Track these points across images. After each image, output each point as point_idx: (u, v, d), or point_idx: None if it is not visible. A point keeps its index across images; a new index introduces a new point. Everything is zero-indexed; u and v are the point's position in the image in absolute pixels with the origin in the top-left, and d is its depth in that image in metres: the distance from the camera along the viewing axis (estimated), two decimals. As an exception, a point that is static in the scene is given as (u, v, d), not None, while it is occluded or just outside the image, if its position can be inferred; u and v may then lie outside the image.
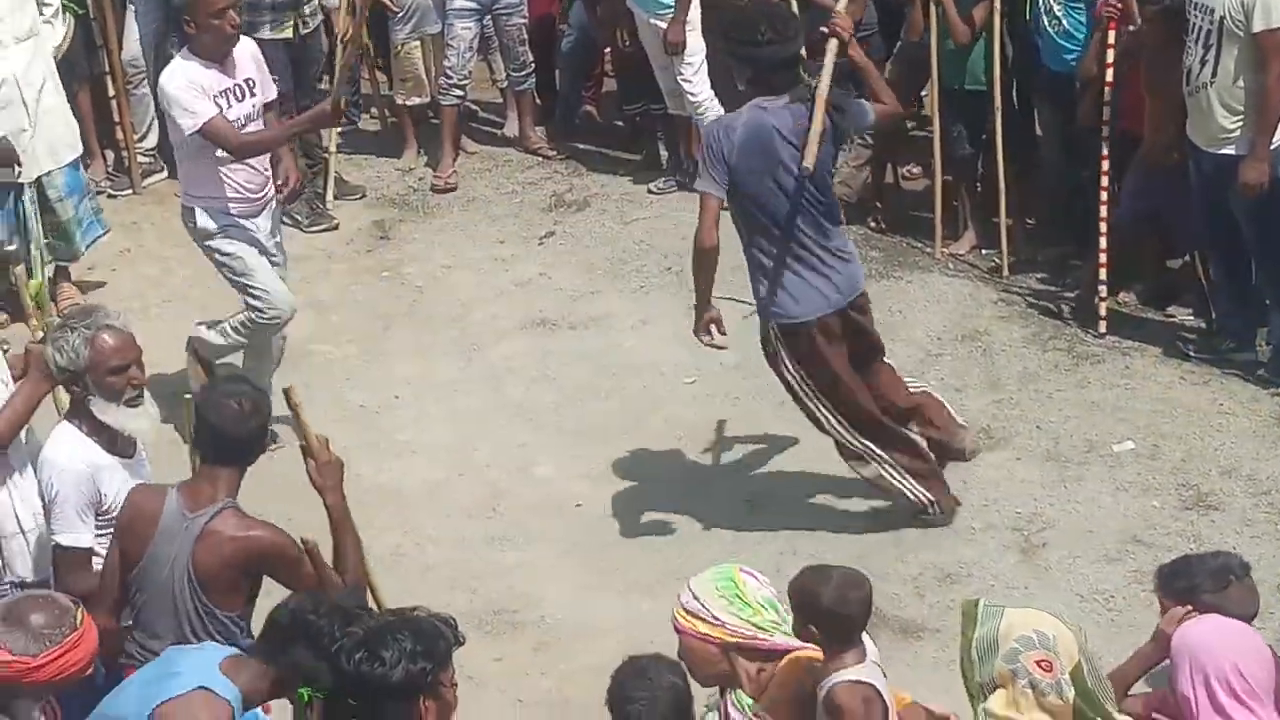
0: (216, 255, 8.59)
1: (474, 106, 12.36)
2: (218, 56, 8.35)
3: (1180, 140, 9.08)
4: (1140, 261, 9.99)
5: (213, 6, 8.23)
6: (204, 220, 8.49)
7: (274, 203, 8.72)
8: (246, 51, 8.56)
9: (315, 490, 6.00)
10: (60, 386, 6.24)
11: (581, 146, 11.81)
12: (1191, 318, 9.70)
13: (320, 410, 9.05)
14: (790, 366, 7.82)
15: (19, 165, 9.39)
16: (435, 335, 9.90)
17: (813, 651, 5.13)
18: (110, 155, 11.58)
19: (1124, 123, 9.54)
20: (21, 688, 4.90)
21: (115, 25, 11.17)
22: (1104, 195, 9.46)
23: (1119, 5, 9.24)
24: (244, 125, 8.41)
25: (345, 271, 10.53)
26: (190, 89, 8.25)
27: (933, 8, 10.08)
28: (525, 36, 11.52)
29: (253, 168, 8.49)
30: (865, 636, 5.18)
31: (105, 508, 6.07)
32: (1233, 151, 8.77)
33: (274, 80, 10.24)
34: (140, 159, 11.43)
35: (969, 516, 8.25)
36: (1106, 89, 9.37)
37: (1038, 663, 4.80)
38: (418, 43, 11.55)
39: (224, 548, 5.75)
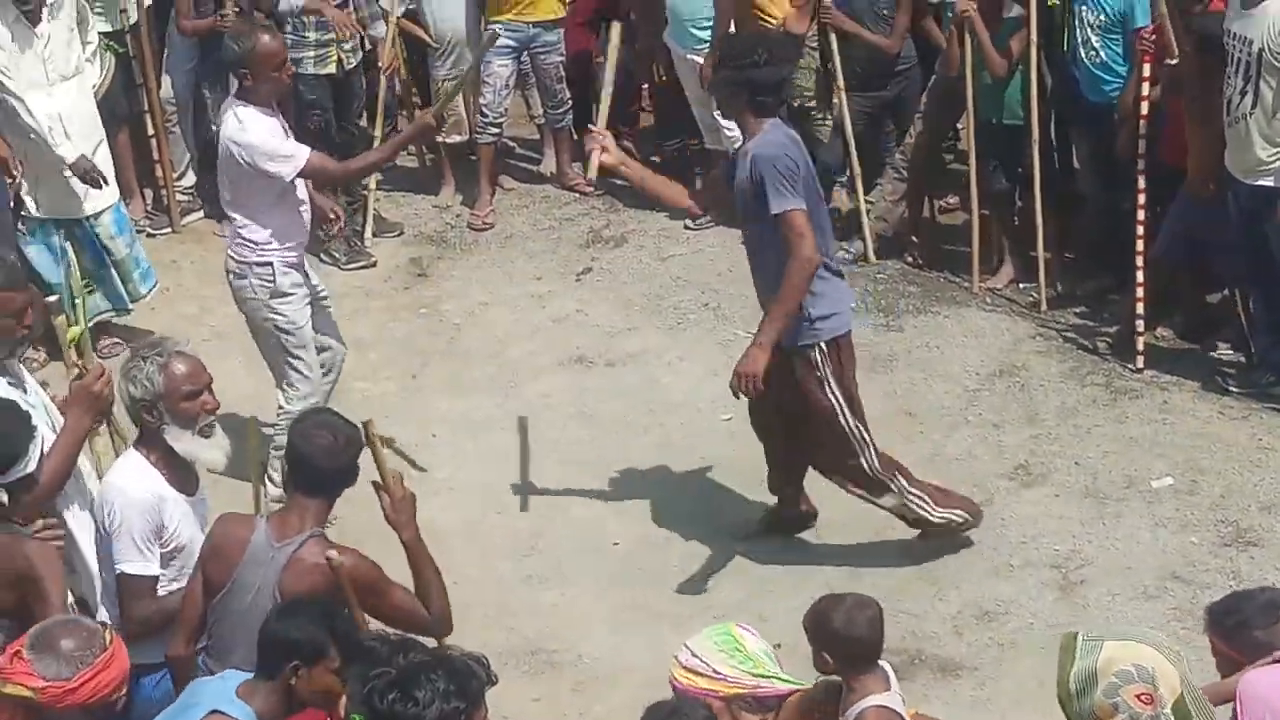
0: (280, 320, 8.50)
1: (511, 143, 12.38)
2: (273, 103, 8.40)
3: (1219, 172, 9.06)
4: (1179, 295, 9.97)
5: (273, 61, 8.26)
6: (282, 277, 8.44)
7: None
8: None
9: (390, 526, 6.06)
10: (130, 417, 6.27)
11: (618, 182, 11.78)
12: (1230, 352, 9.65)
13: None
14: (833, 388, 7.76)
15: (105, 182, 9.66)
16: (472, 372, 9.91)
17: (810, 689, 5.18)
18: (149, 194, 11.61)
19: (1165, 155, 9.54)
20: (56, 713, 4.93)
21: (153, 64, 11.22)
22: (1140, 229, 9.44)
23: (1155, 38, 9.22)
24: None
25: (383, 309, 10.55)
26: (272, 135, 8.25)
27: (968, 41, 10.07)
28: (563, 74, 11.54)
29: (305, 211, 8.52)
30: (886, 666, 5.18)
31: (165, 540, 6.10)
32: (1271, 183, 8.75)
33: (316, 115, 10.42)
34: (179, 197, 11.48)
35: (1007, 553, 8.23)
36: (1143, 122, 9.36)
37: (1138, 696, 4.75)
38: (457, 79, 11.56)
39: (310, 575, 5.79)
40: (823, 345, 7.71)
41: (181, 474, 6.20)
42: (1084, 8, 9.77)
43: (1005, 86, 10.11)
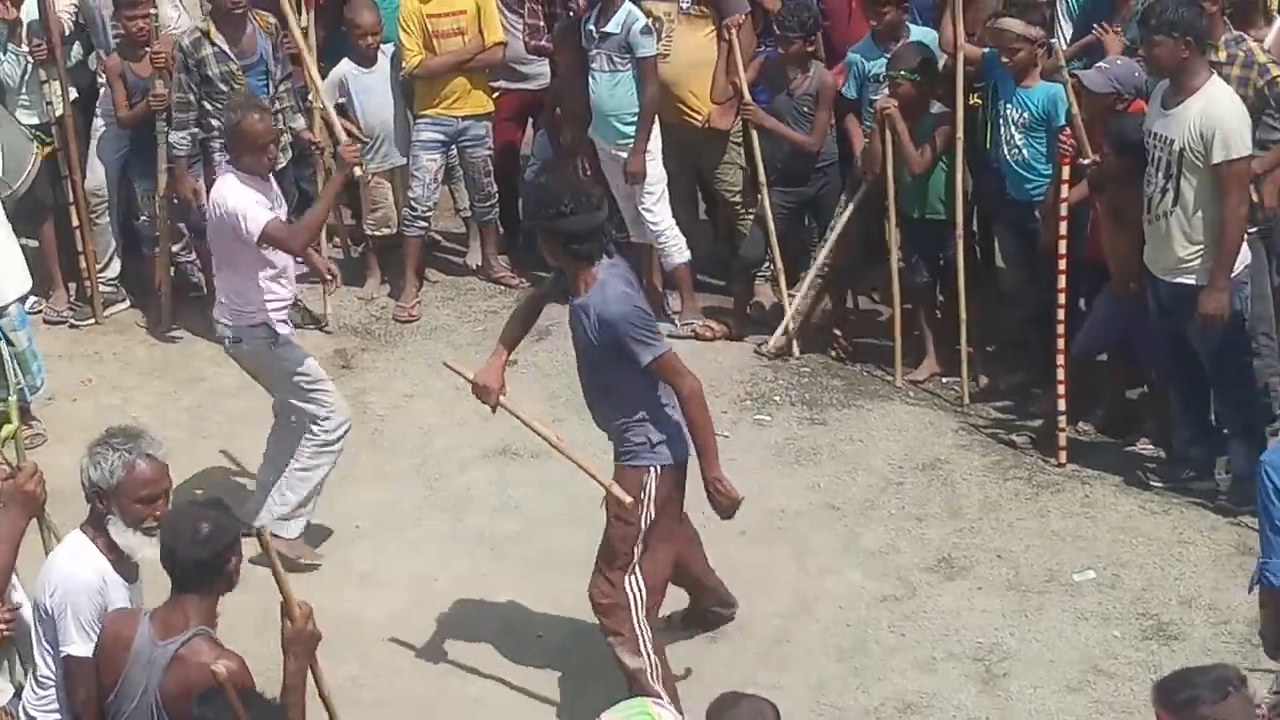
0: (286, 365, 8.83)
1: (437, 236, 12.41)
2: (261, 174, 8.72)
3: (1139, 270, 9.14)
4: (1100, 391, 10.05)
5: (252, 141, 8.62)
6: (281, 328, 8.79)
7: None
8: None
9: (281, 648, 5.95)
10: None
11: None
12: (1151, 447, 9.72)
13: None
14: (649, 512, 7.64)
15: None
16: (397, 464, 9.89)
17: None
18: (73, 285, 11.57)
19: (1088, 252, 9.64)
20: None
21: (79, 155, 11.21)
22: (1060, 325, 9.53)
23: (1073, 141, 9.33)
24: None
25: (305, 400, 10.51)
26: (241, 201, 8.54)
27: (888, 138, 10.17)
28: (490, 167, 11.59)
29: (291, 269, 8.89)
30: None
31: None
32: (1191, 281, 8.82)
33: None
34: (103, 289, 11.44)
35: (930, 646, 8.24)
36: (1061, 222, 9.45)
37: None
38: (386, 174, 11.62)
39: (191, 676, 5.73)
40: (657, 469, 7.63)
41: (124, 560, 6.20)
42: (1008, 106, 9.88)
43: (927, 182, 10.21)
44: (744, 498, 7.68)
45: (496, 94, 11.69)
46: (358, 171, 9.19)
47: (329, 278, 9.52)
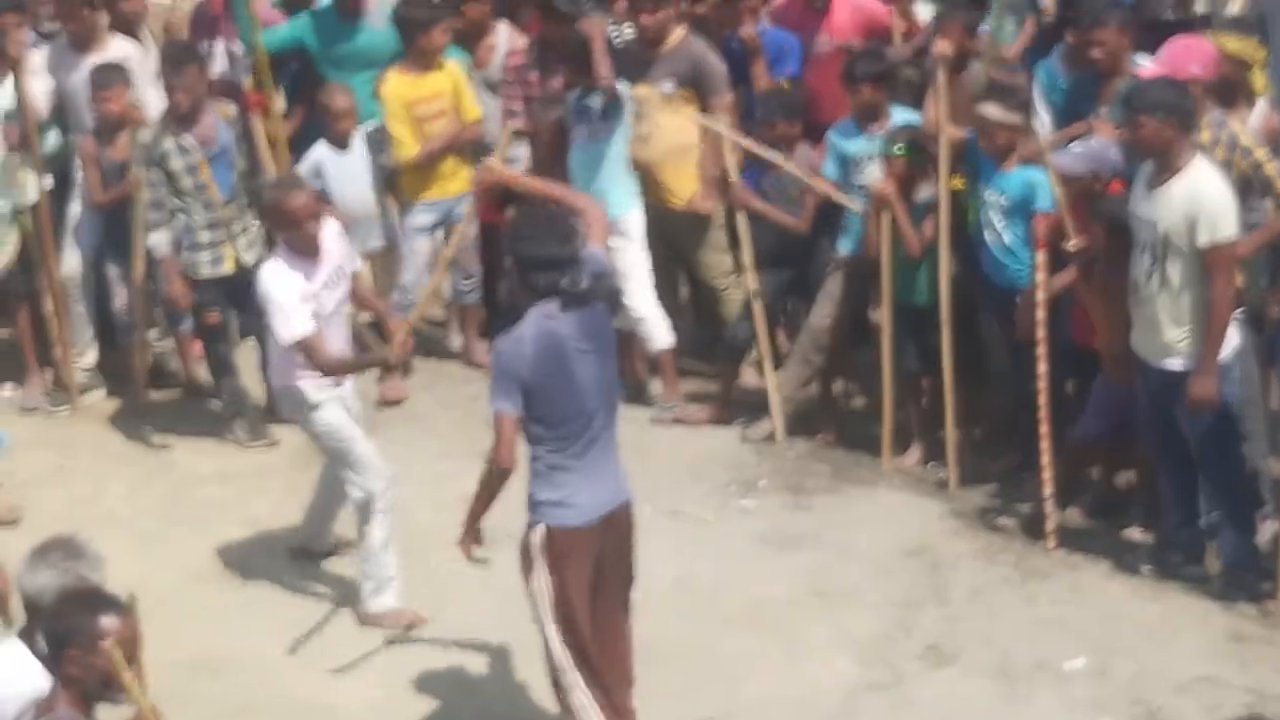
0: (319, 426, 8.95)
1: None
2: (308, 254, 8.74)
3: (1128, 355, 9.08)
4: (1088, 476, 9.98)
5: (286, 219, 8.72)
6: (312, 393, 8.86)
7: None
8: (332, 233, 8.97)
9: None
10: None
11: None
12: (1141, 532, 9.64)
13: (256, 626, 9.00)
14: (542, 575, 7.49)
15: None
16: (375, 549, 9.78)
17: None
18: (49, 372, 11.48)
19: (1075, 336, 9.60)
20: None
21: (53, 242, 11.14)
22: (1042, 411, 9.45)
23: (1047, 227, 9.29)
24: (338, 309, 8.89)
25: (281, 487, 10.39)
26: (291, 298, 8.65)
27: (883, 223, 10.11)
28: (474, 247, 11.57)
29: (337, 338, 8.93)
30: None
31: None
32: (1179, 366, 8.75)
33: (213, 313, 10.41)
34: (79, 376, 11.35)
35: (919, 735, 8.14)
36: (1038, 307, 9.39)
37: None
38: (364, 260, 11.55)
39: None
40: (541, 530, 7.48)
41: None
42: (988, 190, 9.85)
43: (918, 267, 10.15)
44: (486, 560, 7.73)
45: None
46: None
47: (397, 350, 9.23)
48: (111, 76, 10.77)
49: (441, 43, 11.29)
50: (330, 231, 8.94)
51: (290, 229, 8.71)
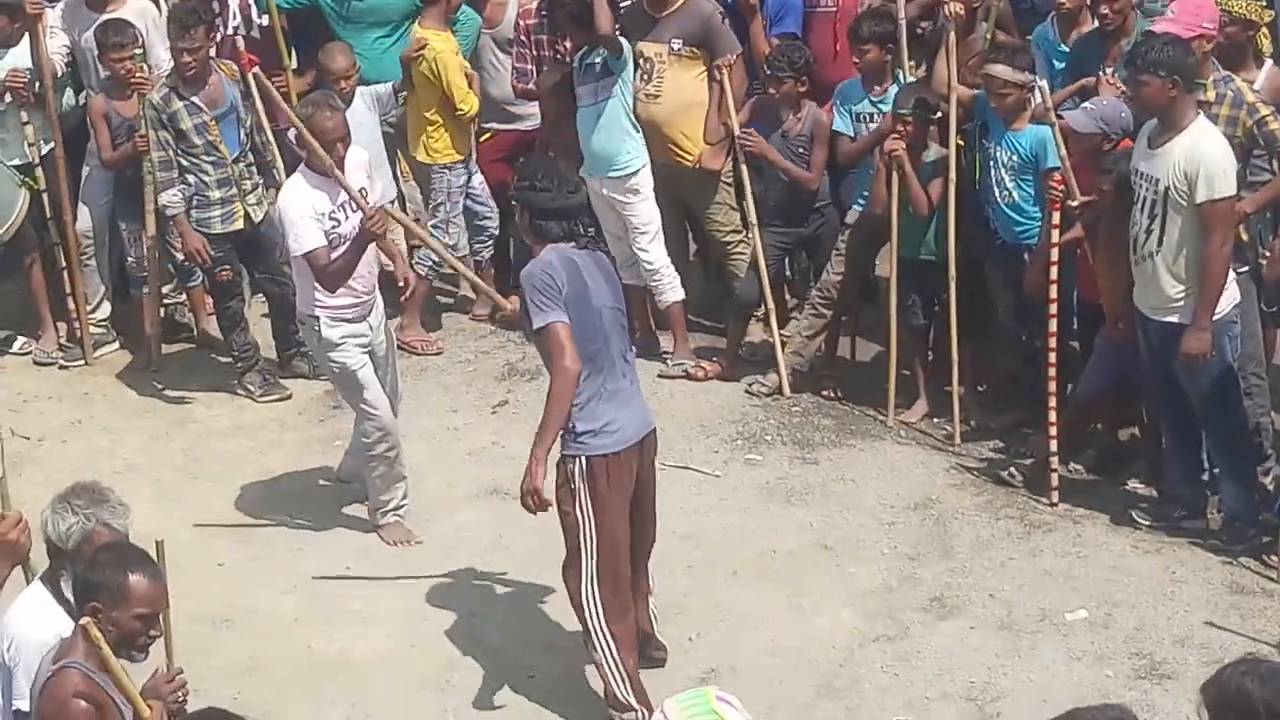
0: (334, 366, 9.25)
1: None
2: (328, 173, 8.97)
3: (1128, 310, 9.15)
4: (1092, 430, 10.06)
5: (321, 138, 8.95)
6: (327, 331, 9.13)
7: (378, 301, 9.42)
8: (355, 161, 9.20)
9: None
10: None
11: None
12: (1143, 486, 9.73)
13: (272, 579, 9.10)
14: (584, 504, 7.72)
15: None
16: (388, 505, 9.88)
17: None
18: (63, 327, 11.57)
19: (1083, 292, 9.67)
20: None
21: (68, 197, 11.22)
22: (1052, 368, 9.53)
23: (1062, 185, 9.34)
24: (357, 234, 9.03)
25: (297, 441, 10.51)
26: (304, 213, 8.93)
27: (894, 179, 10.19)
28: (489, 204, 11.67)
29: (363, 274, 9.15)
30: None
31: None
32: (1178, 320, 8.82)
33: (225, 270, 10.62)
34: (93, 330, 11.44)
35: (923, 686, 8.22)
36: (1053, 266, 9.46)
37: None
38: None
39: (44, 710, 5.78)
40: (582, 461, 7.69)
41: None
42: (998, 149, 9.90)
43: (925, 223, 10.22)
44: (548, 502, 7.71)
45: (488, 135, 11.73)
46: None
47: (401, 284, 9.64)
48: (119, 33, 10.82)
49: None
50: (355, 160, 9.19)
51: (320, 144, 8.93)
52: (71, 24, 11.27)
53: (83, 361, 11.42)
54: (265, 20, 11.53)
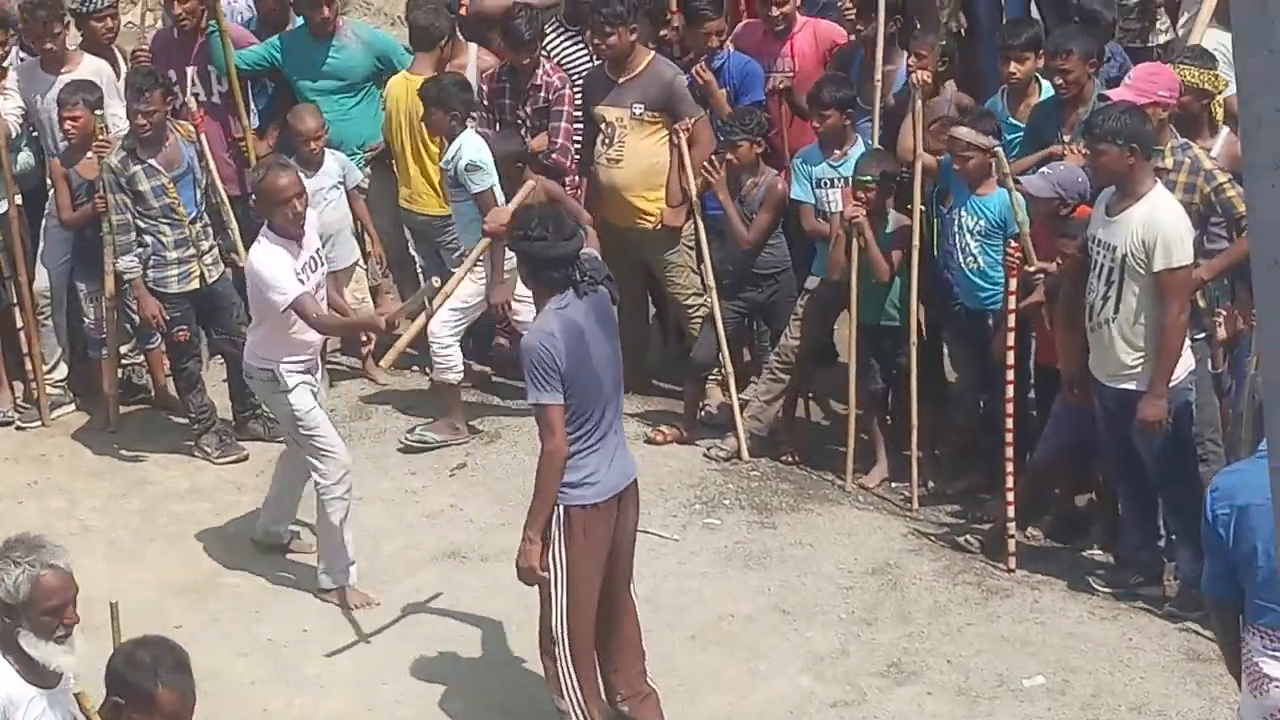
0: (290, 408, 9.30)
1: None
2: (293, 235, 9.18)
3: (1085, 376, 9.19)
4: (1049, 496, 10.09)
5: (273, 196, 9.13)
6: (285, 378, 9.25)
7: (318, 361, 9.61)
8: (311, 224, 9.35)
9: None
10: None
11: (493, 378, 11.85)
12: (1100, 552, 9.75)
13: (229, 642, 9.05)
14: (558, 553, 7.78)
15: None
16: (345, 567, 9.85)
17: None
18: (19, 387, 11.53)
19: (1042, 357, 9.71)
20: None
21: (26, 256, 11.19)
22: (1009, 434, 9.56)
23: (1019, 252, 9.39)
24: (317, 291, 9.27)
25: (254, 503, 10.41)
26: (281, 266, 9.09)
27: (854, 245, 10.22)
28: None
29: (314, 334, 9.41)
30: None
31: None
32: (1134, 387, 8.86)
33: (182, 331, 10.70)
34: (49, 391, 11.40)
35: (881, 752, 8.23)
36: (1010, 332, 9.50)
37: None
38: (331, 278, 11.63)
39: None
40: (560, 511, 7.76)
41: (39, 669, 6.11)
42: (963, 214, 9.94)
43: (883, 289, 10.26)
44: (544, 575, 7.77)
45: None
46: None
47: (364, 339, 9.98)
48: (76, 94, 10.83)
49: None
50: (311, 223, 9.32)
51: (277, 206, 9.09)
52: (28, 86, 11.27)
53: (39, 423, 11.37)
54: (224, 86, 11.53)
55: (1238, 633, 6.53)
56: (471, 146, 10.64)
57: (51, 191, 11.18)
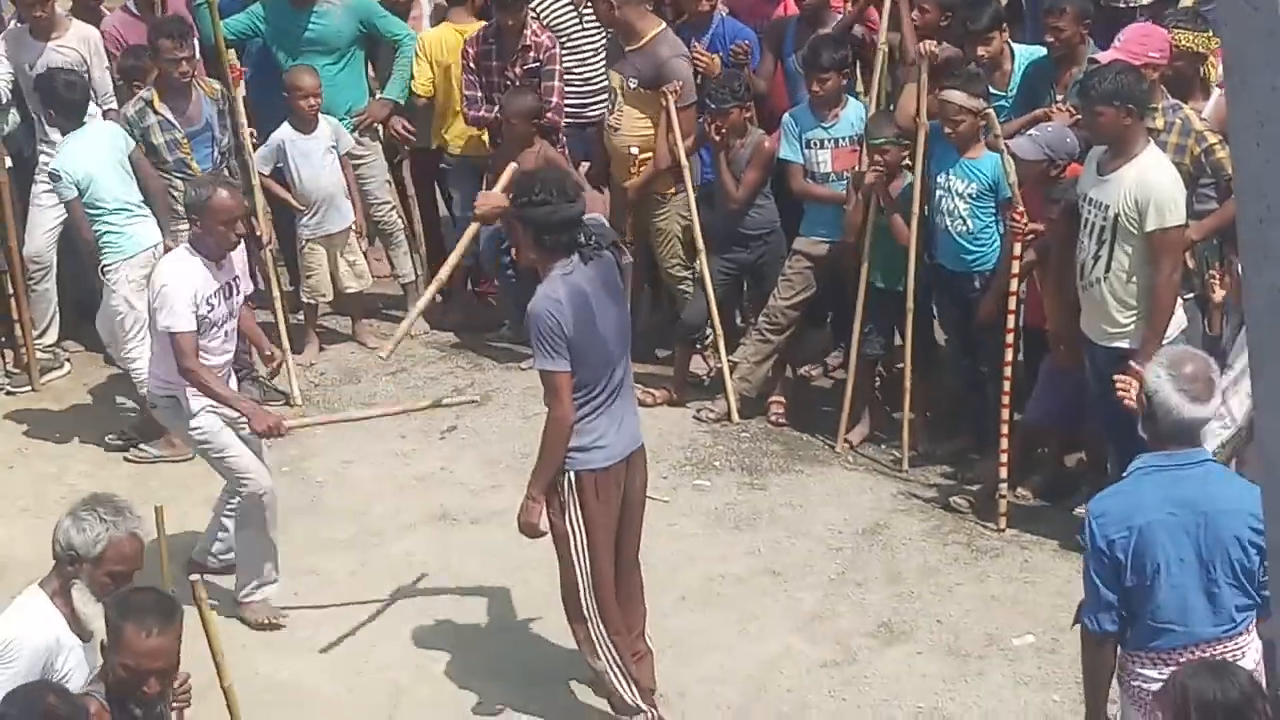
0: (196, 435, 8.78)
1: (377, 302, 12.43)
2: (217, 257, 8.65)
3: (1073, 336, 9.19)
4: (1039, 456, 10.10)
5: (222, 215, 8.52)
6: (189, 402, 8.68)
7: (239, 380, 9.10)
8: (238, 252, 8.87)
9: None
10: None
11: (489, 340, 11.87)
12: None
13: (220, 607, 9.04)
14: (574, 517, 7.77)
15: None
16: (335, 531, 9.85)
17: None
18: (9, 353, 11.52)
19: (1031, 319, 9.71)
20: None
21: (15, 222, 11.17)
22: (1005, 396, 9.56)
23: (1024, 218, 9.36)
24: (225, 321, 8.71)
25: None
26: (183, 293, 8.50)
27: (870, 209, 10.22)
28: None
29: (221, 353, 8.76)
30: None
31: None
32: (1127, 345, 8.86)
33: None
34: (39, 355, 11.39)
35: (870, 711, 8.24)
36: (1011, 296, 9.49)
37: None
38: (320, 245, 11.62)
39: None
40: (570, 476, 7.73)
41: (79, 620, 6.22)
42: (952, 177, 9.91)
43: (888, 254, 10.23)
44: (544, 532, 7.79)
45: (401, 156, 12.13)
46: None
47: (266, 355, 9.33)
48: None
49: None
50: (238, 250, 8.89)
51: (219, 226, 8.53)
52: (15, 52, 11.25)
53: (30, 388, 11.37)
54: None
55: (1112, 672, 6.45)
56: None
57: (42, 156, 11.13)
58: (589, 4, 11.41)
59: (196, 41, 11.08)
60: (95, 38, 11.35)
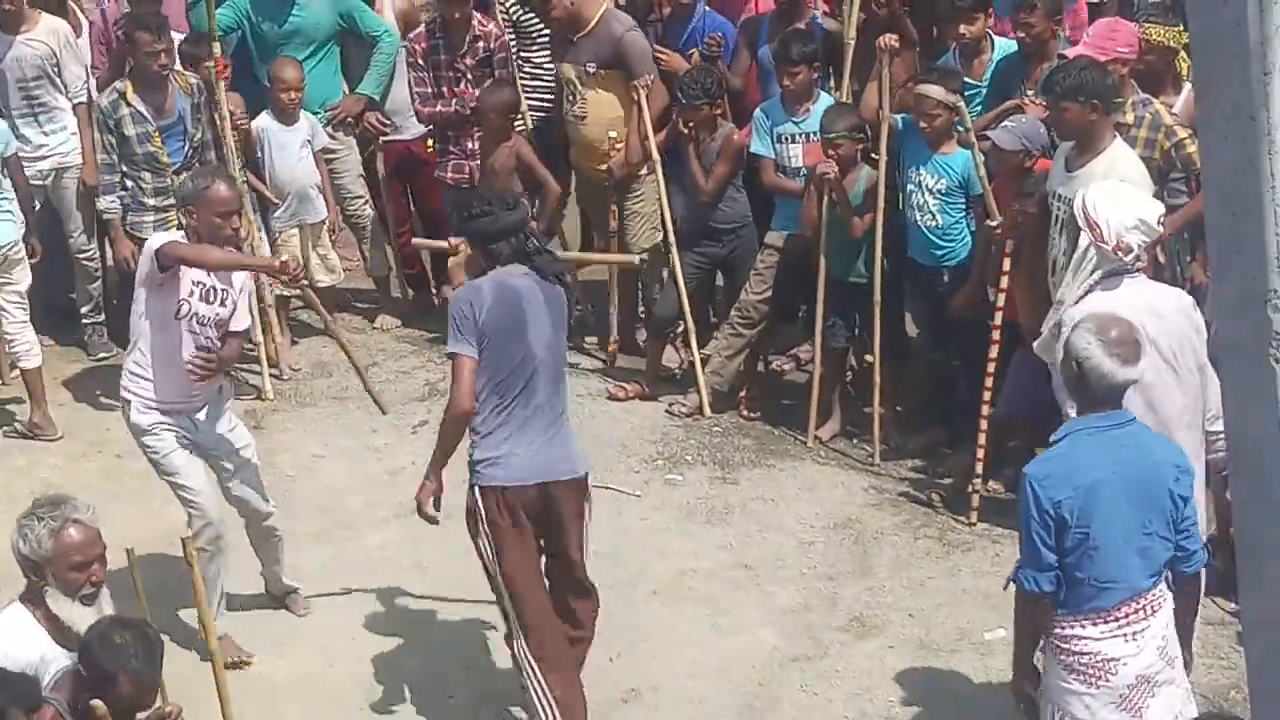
0: (147, 452, 8.55)
1: (348, 295, 12.41)
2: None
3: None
4: (1010, 449, 10.11)
5: (218, 207, 8.26)
6: (135, 416, 8.46)
7: (225, 398, 8.73)
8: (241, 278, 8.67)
9: None
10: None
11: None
12: (1060, 506, 9.77)
13: (190, 599, 9.03)
14: (485, 530, 7.60)
15: None
16: (307, 525, 9.82)
17: None
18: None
19: (1006, 314, 9.72)
20: None
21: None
22: (986, 393, 9.55)
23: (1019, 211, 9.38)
24: (198, 327, 8.41)
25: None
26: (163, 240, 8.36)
27: (824, 201, 10.22)
28: None
29: (183, 350, 8.41)
30: None
31: None
32: (1097, 339, 8.87)
33: None
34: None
35: (842, 705, 8.24)
36: (991, 289, 9.48)
37: None
38: (295, 232, 11.61)
39: None
40: (478, 489, 7.60)
41: (65, 630, 6.17)
42: (924, 173, 9.92)
43: (852, 246, 10.25)
44: (433, 518, 7.79)
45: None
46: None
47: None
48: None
49: None
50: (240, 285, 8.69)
51: (215, 219, 8.30)
52: (-17, 45, 11.24)
53: (0, 381, 11.33)
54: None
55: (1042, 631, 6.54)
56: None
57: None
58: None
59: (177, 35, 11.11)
60: (65, 30, 11.33)
